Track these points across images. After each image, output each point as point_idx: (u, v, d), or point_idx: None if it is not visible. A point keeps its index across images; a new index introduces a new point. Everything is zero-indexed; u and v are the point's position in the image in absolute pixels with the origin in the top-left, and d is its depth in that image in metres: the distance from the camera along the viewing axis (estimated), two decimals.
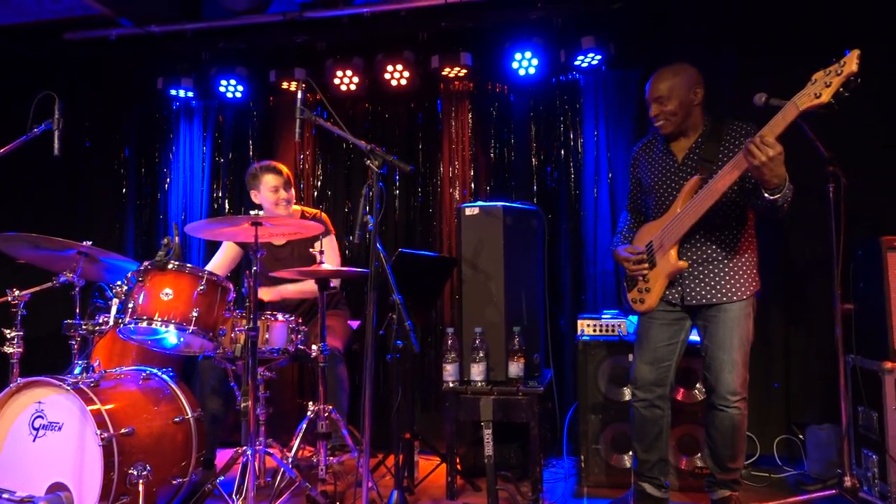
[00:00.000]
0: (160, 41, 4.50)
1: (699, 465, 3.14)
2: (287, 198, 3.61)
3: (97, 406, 2.51)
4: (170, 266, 2.78)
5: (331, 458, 3.02)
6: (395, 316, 2.75)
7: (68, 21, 4.57)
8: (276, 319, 3.03)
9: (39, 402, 2.58)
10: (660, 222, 2.75)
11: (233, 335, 2.93)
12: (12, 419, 2.60)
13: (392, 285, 2.66)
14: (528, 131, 4.23)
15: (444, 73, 4.16)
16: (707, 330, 2.70)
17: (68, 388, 2.51)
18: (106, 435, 2.45)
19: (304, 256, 3.62)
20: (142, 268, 2.81)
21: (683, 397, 3.19)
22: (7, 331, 2.82)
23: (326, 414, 2.98)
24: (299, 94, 2.64)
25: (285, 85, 4.33)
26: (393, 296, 2.67)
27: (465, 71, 4.14)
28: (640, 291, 2.81)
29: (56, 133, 2.87)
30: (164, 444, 2.72)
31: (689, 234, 2.65)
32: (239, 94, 4.43)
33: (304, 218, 3.69)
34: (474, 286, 3.27)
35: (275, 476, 2.95)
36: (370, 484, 2.71)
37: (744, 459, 2.77)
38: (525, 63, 4.01)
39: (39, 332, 3.47)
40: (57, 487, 2.50)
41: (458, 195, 4.29)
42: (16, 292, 2.86)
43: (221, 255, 3.74)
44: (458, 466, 3.26)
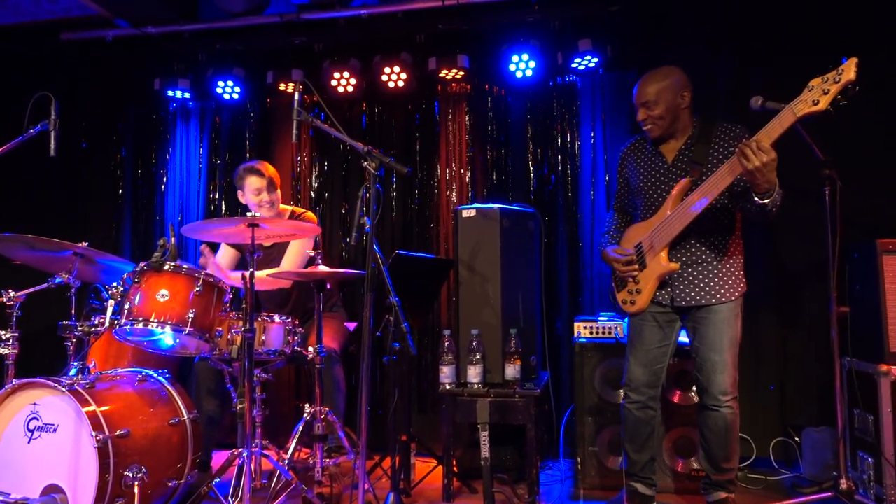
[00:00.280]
0: (157, 42, 4.49)
1: (695, 467, 3.14)
2: (270, 200, 3.55)
3: (92, 408, 2.50)
4: (166, 267, 2.78)
5: (327, 460, 3.02)
6: (391, 318, 2.75)
7: (65, 21, 4.56)
8: (273, 321, 3.02)
9: (35, 404, 2.57)
10: (649, 223, 2.76)
11: (229, 336, 2.93)
12: (7, 420, 2.59)
13: (389, 287, 2.66)
14: (525, 133, 4.23)
15: (441, 75, 4.16)
16: (697, 332, 2.72)
17: (64, 389, 2.50)
18: (101, 437, 2.45)
19: (278, 256, 3.61)
20: (138, 269, 2.81)
21: (680, 399, 3.19)
22: (2, 332, 2.81)
23: (323, 416, 2.97)
24: (296, 96, 2.64)
25: (282, 86, 4.33)
26: (390, 297, 2.67)
27: (462, 73, 4.14)
28: (630, 293, 2.81)
29: (52, 133, 2.87)
30: (160, 446, 2.71)
31: (679, 236, 2.67)
32: (236, 96, 4.42)
33: (293, 217, 3.68)
34: (471, 288, 3.27)
35: (271, 478, 2.94)
36: (366, 486, 2.70)
37: (738, 459, 2.77)
38: (522, 65, 4.01)
39: (35, 334, 3.46)
40: (52, 489, 2.49)
41: (454, 197, 4.29)
42: (11, 293, 2.85)
43: (222, 257, 3.72)
44: (455, 469, 3.26)
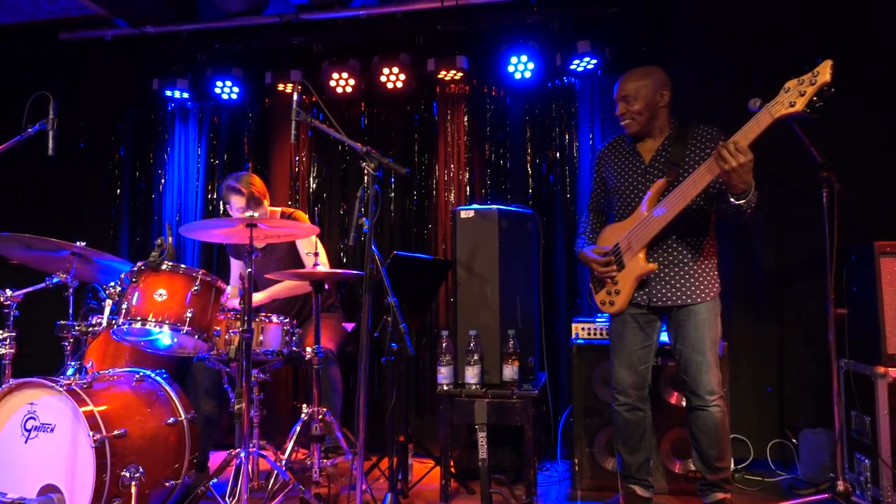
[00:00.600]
0: (156, 42, 4.49)
1: (692, 468, 3.14)
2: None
3: (90, 407, 2.50)
4: (164, 267, 2.78)
5: (325, 460, 3.02)
6: (389, 318, 2.75)
7: (64, 21, 4.56)
8: (271, 321, 3.02)
9: (32, 404, 2.56)
10: (626, 224, 2.77)
11: (227, 336, 2.93)
12: (4, 420, 2.58)
13: (387, 287, 2.66)
14: (524, 135, 4.23)
15: (440, 76, 4.16)
16: (678, 333, 2.74)
17: (61, 389, 2.49)
18: (98, 436, 2.44)
19: (282, 258, 3.61)
20: (135, 268, 2.80)
21: (677, 401, 3.19)
22: (0, 331, 2.81)
23: (320, 416, 2.97)
24: (295, 96, 2.64)
25: (281, 87, 4.32)
26: (388, 298, 2.67)
27: (461, 74, 4.14)
28: (608, 293, 2.83)
29: (50, 133, 2.87)
30: (157, 446, 2.71)
31: (657, 237, 2.69)
32: (234, 96, 4.42)
33: (284, 218, 3.67)
34: (469, 289, 3.27)
35: (268, 478, 2.94)
36: (364, 486, 2.70)
37: (731, 458, 2.79)
38: (521, 67, 4.01)
39: (32, 333, 3.45)
40: (49, 489, 2.49)
41: (453, 198, 4.29)
42: (9, 293, 2.85)
43: (237, 273, 3.79)
44: (452, 469, 3.26)
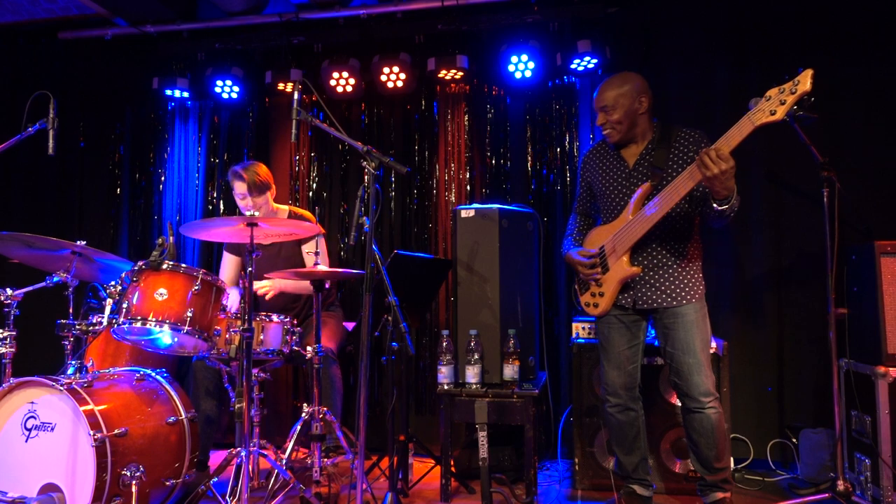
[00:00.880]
0: (156, 41, 4.49)
1: (692, 468, 3.14)
2: (253, 205, 3.55)
3: (90, 406, 2.49)
4: (164, 266, 2.78)
5: (325, 459, 3.02)
6: (390, 317, 2.75)
7: (64, 20, 4.57)
8: (271, 321, 3.02)
9: (32, 403, 2.56)
10: (611, 227, 2.79)
11: (227, 336, 2.92)
12: (4, 419, 2.58)
13: (387, 287, 2.66)
14: (524, 134, 4.24)
15: (440, 75, 4.16)
16: (668, 336, 2.74)
17: (61, 388, 2.49)
18: (99, 435, 2.44)
19: (289, 256, 3.62)
20: (136, 268, 2.80)
21: (677, 400, 3.18)
22: (0, 330, 2.80)
23: (321, 415, 2.97)
24: (296, 95, 2.64)
25: (281, 86, 4.32)
26: (388, 297, 2.67)
27: (461, 73, 4.14)
28: (593, 295, 2.86)
29: (51, 132, 2.87)
30: (158, 445, 2.71)
31: (641, 240, 2.70)
32: (234, 95, 4.41)
33: (292, 217, 3.68)
34: (470, 288, 3.27)
35: (269, 477, 2.94)
36: (364, 486, 2.70)
37: (729, 458, 2.79)
38: (521, 66, 4.01)
39: (33, 332, 3.46)
40: (49, 488, 2.49)
41: (453, 197, 4.29)
42: (9, 291, 2.85)
43: (227, 268, 3.75)
44: (453, 469, 3.26)
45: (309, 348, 3.04)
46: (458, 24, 4.12)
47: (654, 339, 2.90)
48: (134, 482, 2.51)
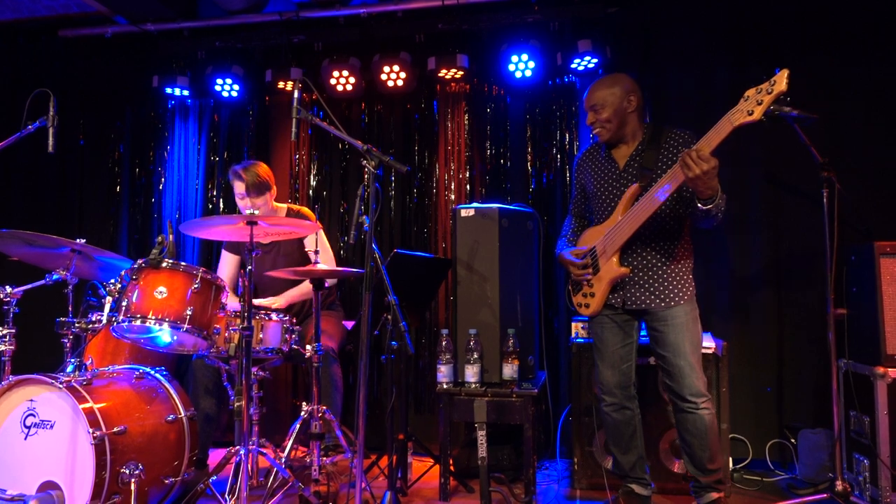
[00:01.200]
0: (156, 39, 4.49)
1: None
2: (252, 205, 3.55)
3: (89, 404, 2.49)
4: (164, 264, 2.77)
5: (324, 458, 3.02)
6: (389, 316, 2.75)
7: (64, 18, 4.57)
8: (271, 319, 3.02)
9: (31, 400, 2.56)
10: (602, 227, 2.81)
11: (227, 334, 2.92)
12: (4, 417, 2.58)
13: (387, 286, 2.66)
14: (524, 133, 4.24)
15: (440, 74, 4.16)
16: (658, 339, 2.75)
17: (61, 386, 2.49)
18: (98, 433, 2.44)
19: (289, 254, 3.61)
20: (136, 266, 2.80)
21: None
22: None
23: (320, 414, 2.97)
24: (296, 94, 2.64)
25: (281, 84, 4.32)
26: (388, 296, 2.67)
27: (461, 73, 4.14)
28: (584, 296, 2.87)
29: (51, 130, 2.87)
30: (157, 444, 2.71)
31: (630, 241, 2.71)
32: (235, 94, 4.42)
33: (291, 215, 3.68)
34: (469, 287, 3.27)
35: (268, 476, 2.94)
36: (363, 484, 2.71)
37: (722, 459, 2.78)
38: (521, 66, 4.01)
39: (32, 330, 3.46)
40: (48, 486, 2.49)
41: (453, 196, 4.29)
42: (8, 289, 2.84)
43: (226, 267, 3.74)
44: (452, 468, 3.26)
45: (308, 347, 3.04)
46: (459, 24, 4.12)
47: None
48: (133, 480, 2.51)
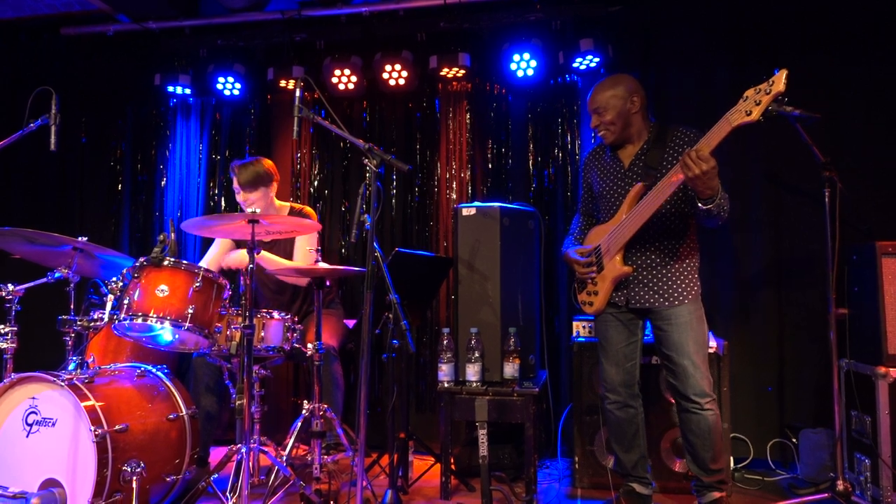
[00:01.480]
0: (158, 38, 4.49)
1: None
2: (246, 200, 3.54)
3: (91, 402, 2.50)
4: (165, 263, 2.78)
5: (325, 456, 3.02)
6: (391, 315, 2.76)
7: (66, 16, 4.56)
8: (272, 318, 3.02)
9: (33, 398, 2.57)
10: (607, 226, 2.81)
11: (228, 333, 2.93)
12: (6, 415, 2.58)
13: (388, 284, 2.66)
14: (526, 132, 4.24)
15: (442, 73, 4.15)
16: (662, 339, 2.75)
17: (62, 383, 2.50)
18: (100, 431, 2.44)
19: (287, 255, 3.62)
20: (137, 264, 2.80)
21: None
22: (1, 326, 2.81)
23: (321, 413, 2.98)
24: (297, 93, 2.64)
25: (283, 83, 4.31)
26: (389, 295, 2.67)
27: (463, 72, 4.13)
28: (588, 294, 2.87)
29: (52, 128, 2.87)
30: (158, 442, 2.71)
31: (633, 239, 2.71)
32: (237, 92, 4.42)
33: (293, 214, 3.68)
34: (470, 286, 3.27)
35: (269, 474, 2.94)
36: (364, 483, 2.71)
37: (725, 459, 2.78)
38: (523, 64, 4.01)
39: (34, 328, 3.46)
40: (50, 483, 2.49)
41: (455, 195, 4.29)
42: (10, 287, 2.84)
43: (216, 250, 3.70)
44: (453, 466, 3.26)
45: (310, 345, 3.04)
46: (461, 22, 4.12)
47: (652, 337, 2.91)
48: (134, 478, 2.51)
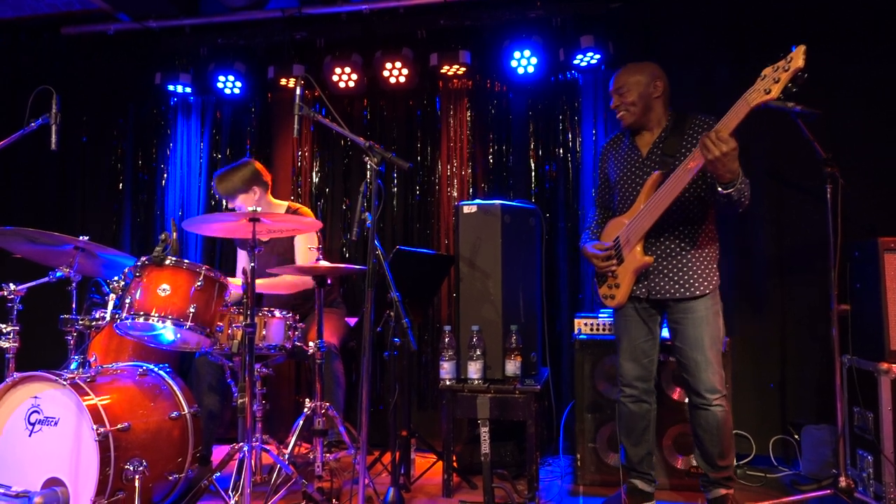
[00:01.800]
0: (158, 36, 4.49)
1: (694, 464, 3.14)
2: (234, 207, 3.56)
3: (93, 401, 2.50)
4: (167, 262, 2.78)
5: (327, 454, 3.02)
6: (392, 313, 2.76)
7: (66, 16, 4.57)
8: (274, 316, 3.02)
9: (36, 397, 2.57)
10: (625, 217, 2.78)
11: (230, 331, 2.93)
12: (8, 414, 2.59)
13: (390, 282, 2.66)
14: (527, 130, 4.23)
15: (442, 70, 4.15)
16: (677, 332, 2.73)
17: (65, 382, 2.50)
18: (102, 430, 2.45)
19: (281, 253, 3.62)
20: (139, 263, 2.80)
21: (679, 396, 3.19)
22: (3, 325, 2.80)
23: (323, 411, 2.98)
24: (298, 91, 2.63)
25: (284, 81, 4.31)
26: (390, 293, 2.67)
27: (463, 69, 4.13)
28: (609, 287, 2.84)
29: (53, 128, 2.86)
30: (161, 440, 2.72)
31: (653, 229, 2.68)
32: (237, 90, 4.42)
33: (289, 213, 3.68)
34: (472, 284, 3.27)
35: (271, 472, 2.94)
36: (366, 481, 2.71)
37: (734, 456, 2.78)
38: (524, 62, 4.00)
39: (36, 327, 3.46)
40: (53, 482, 2.50)
41: (455, 193, 4.29)
42: (12, 287, 2.84)
43: (241, 263, 3.78)
44: (455, 464, 3.26)
45: (311, 343, 3.04)
46: (461, 20, 4.12)
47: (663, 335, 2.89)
48: (137, 477, 2.51)
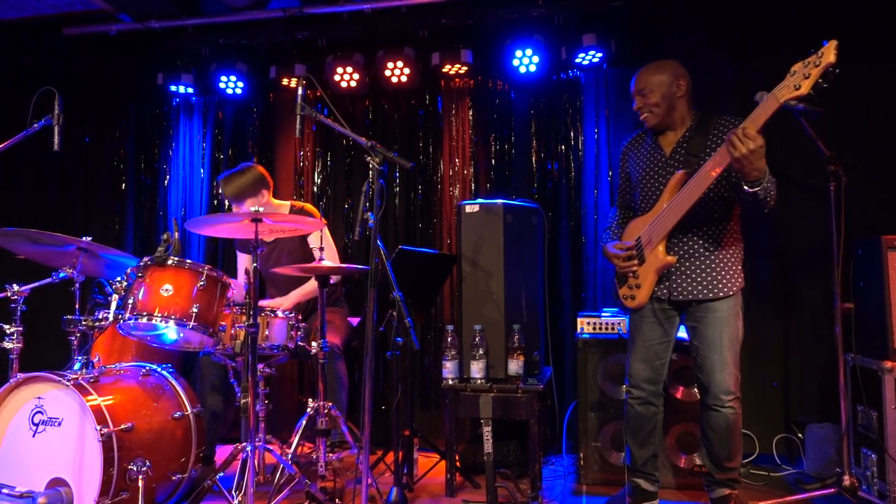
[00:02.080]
0: (160, 37, 4.50)
1: (698, 463, 3.14)
2: (238, 210, 3.56)
3: (97, 401, 2.51)
4: (169, 262, 2.78)
5: (330, 454, 3.02)
6: (394, 313, 2.75)
7: (68, 16, 4.57)
8: (276, 316, 3.03)
9: (39, 398, 2.58)
10: (647, 217, 2.75)
11: (233, 331, 2.94)
12: (12, 414, 2.60)
13: (392, 282, 2.66)
14: (529, 129, 4.23)
15: (444, 70, 4.15)
16: (696, 330, 2.71)
17: (68, 383, 2.51)
18: (105, 430, 2.45)
19: (292, 251, 3.62)
20: (141, 263, 2.81)
21: (683, 396, 3.19)
22: (7, 326, 2.82)
23: (326, 410, 2.98)
24: (300, 91, 2.64)
25: (285, 81, 4.32)
26: (393, 293, 2.67)
27: (465, 68, 4.13)
28: (630, 288, 2.81)
29: (56, 128, 2.87)
30: (164, 440, 2.72)
31: (675, 228, 2.65)
32: (239, 91, 4.42)
33: (294, 212, 3.68)
34: (474, 283, 3.27)
35: (274, 472, 2.95)
36: (369, 480, 2.71)
37: (741, 458, 2.77)
38: (526, 60, 4.00)
39: (39, 328, 3.47)
40: (56, 483, 2.50)
41: (457, 192, 4.29)
42: (15, 287, 2.85)
43: (242, 266, 3.76)
44: (458, 464, 3.26)
45: (314, 343, 3.04)
46: (463, 19, 4.12)
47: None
48: (140, 477, 2.52)
